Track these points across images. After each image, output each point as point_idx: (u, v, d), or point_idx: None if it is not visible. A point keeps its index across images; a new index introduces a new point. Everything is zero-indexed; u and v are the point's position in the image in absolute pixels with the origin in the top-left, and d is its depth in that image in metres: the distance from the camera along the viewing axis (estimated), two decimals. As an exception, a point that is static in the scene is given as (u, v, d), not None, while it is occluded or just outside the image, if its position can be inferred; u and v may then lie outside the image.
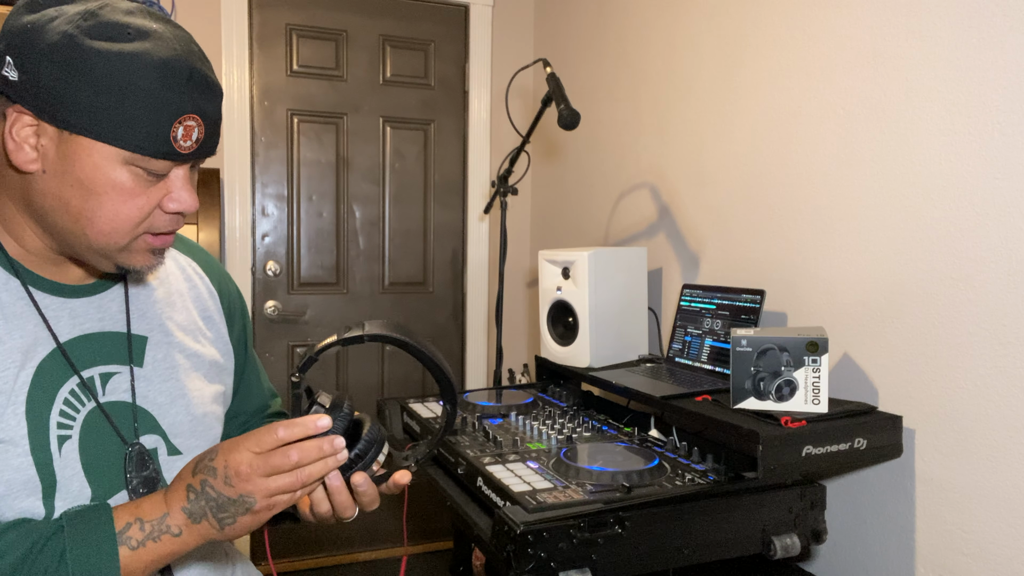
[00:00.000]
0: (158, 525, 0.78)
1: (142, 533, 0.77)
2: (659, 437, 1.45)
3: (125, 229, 0.81)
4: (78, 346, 0.87)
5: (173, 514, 0.78)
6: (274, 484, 0.77)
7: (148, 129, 0.76)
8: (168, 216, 0.84)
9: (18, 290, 0.84)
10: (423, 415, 1.59)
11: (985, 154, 1.16)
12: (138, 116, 0.76)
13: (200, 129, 0.80)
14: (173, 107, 0.77)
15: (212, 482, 0.77)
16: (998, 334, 1.14)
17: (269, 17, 2.70)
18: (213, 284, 1.07)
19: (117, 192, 0.78)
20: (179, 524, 0.78)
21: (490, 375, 3.02)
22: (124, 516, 0.78)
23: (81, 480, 0.83)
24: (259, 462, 0.76)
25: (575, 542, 1.02)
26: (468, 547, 1.97)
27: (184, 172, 0.83)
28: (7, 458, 0.78)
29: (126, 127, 0.76)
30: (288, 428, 0.78)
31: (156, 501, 0.80)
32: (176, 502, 0.78)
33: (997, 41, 1.14)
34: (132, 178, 0.79)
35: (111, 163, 0.77)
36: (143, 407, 0.91)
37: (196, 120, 0.80)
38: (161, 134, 0.77)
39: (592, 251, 1.74)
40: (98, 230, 0.80)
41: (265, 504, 0.78)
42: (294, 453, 0.77)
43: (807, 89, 1.52)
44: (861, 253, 1.39)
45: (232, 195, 2.67)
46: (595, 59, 2.47)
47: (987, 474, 1.16)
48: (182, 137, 0.79)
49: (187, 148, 0.80)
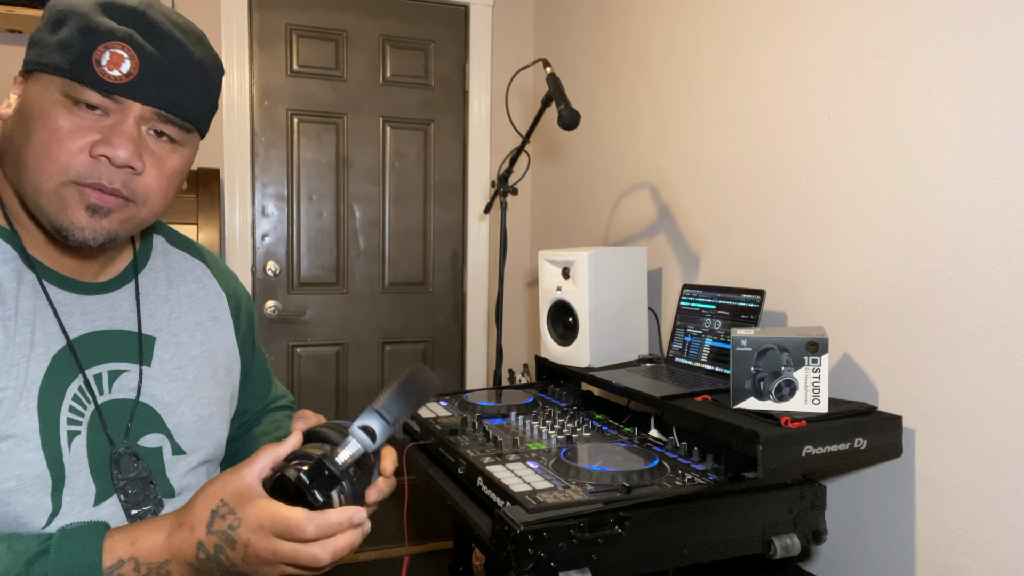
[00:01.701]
0: (157, 569, 0.75)
1: (137, 574, 0.74)
2: (659, 437, 1.45)
3: (49, 169, 0.77)
4: (88, 343, 0.88)
5: (176, 564, 0.75)
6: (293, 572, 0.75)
7: (72, 52, 0.76)
8: (96, 163, 0.78)
9: (33, 284, 0.84)
10: (423, 415, 1.59)
11: (985, 154, 1.16)
12: (70, 40, 0.77)
13: (133, 63, 0.77)
14: (101, 30, 0.77)
15: (229, 553, 0.74)
16: (998, 334, 1.14)
17: (269, 17, 2.70)
18: (220, 285, 1.07)
19: (44, 123, 0.77)
20: (182, 573, 0.75)
21: (490, 375, 3.02)
22: (118, 550, 0.75)
23: (87, 476, 0.84)
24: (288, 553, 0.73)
25: (575, 542, 1.02)
26: (468, 547, 1.97)
27: (128, 122, 0.79)
28: (19, 453, 0.78)
29: (54, 53, 0.77)
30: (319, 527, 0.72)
31: (156, 543, 0.76)
32: (182, 554, 0.75)
33: (997, 41, 1.14)
34: (68, 114, 0.77)
35: (49, 93, 0.77)
36: (150, 405, 0.91)
37: (126, 50, 0.77)
38: (86, 58, 0.76)
39: (592, 251, 1.74)
40: (27, 167, 0.78)
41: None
42: (326, 557, 0.73)
43: (807, 89, 1.52)
44: (861, 253, 1.39)
45: (232, 195, 2.67)
46: (595, 59, 2.47)
47: (987, 474, 1.16)
48: (107, 64, 0.76)
49: (116, 78, 0.76)
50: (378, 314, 2.91)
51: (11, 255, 0.83)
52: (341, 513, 0.73)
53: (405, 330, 2.96)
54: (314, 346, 2.84)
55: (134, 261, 0.97)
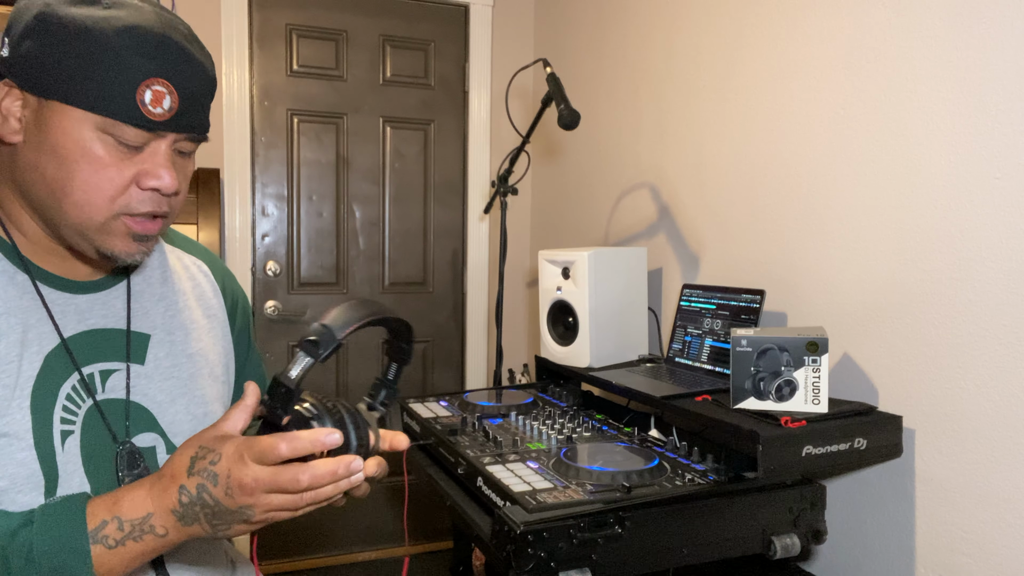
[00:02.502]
0: (140, 525, 0.74)
1: (121, 532, 0.73)
2: (659, 437, 1.45)
3: (99, 203, 0.79)
4: (81, 342, 0.88)
5: (159, 514, 0.74)
6: (277, 501, 0.73)
7: (115, 91, 0.76)
8: (145, 195, 0.81)
9: (25, 284, 0.84)
10: (423, 415, 1.59)
11: (985, 154, 1.16)
12: (106, 78, 0.76)
13: (172, 98, 0.79)
14: (141, 70, 0.77)
15: (211, 489, 0.73)
16: (998, 334, 1.14)
17: (269, 17, 2.70)
18: (217, 282, 1.07)
19: (88, 160, 0.77)
20: (165, 525, 0.74)
21: (490, 375, 3.01)
22: (100, 512, 0.74)
23: (81, 476, 0.84)
24: (266, 478, 0.71)
25: (575, 542, 1.02)
26: (468, 547, 1.97)
27: (164, 149, 0.81)
28: (11, 452, 0.78)
29: (94, 90, 0.76)
30: (291, 443, 0.71)
31: (138, 498, 0.75)
32: (164, 502, 0.74)
33: (997, 41, 1.14)
34: (104, 147, 0.78)
35: (83, 128, 0.77)
36: (143, 405, 0.91)
37: (166, 86, 0.78)
38: (128, 97, 0.76)
39: (592, 251, 1.74)
40: (72, 201, 0.79)
41: (263, 518, 0.74)
42: (305, 477, 0.71)
43: (807, 89, 1.52)
44: (861, 253, 1.39)
45: (232, 195, 2.67)
46: (595, 59, 2.47)
47: (987, 474, 1.16)
48: (150, 102, 0.77)
49: (158, 116, 0.78)
50: (378, 314, 2.91)
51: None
52: (313, 433, 0.72)
53: (405, 330, 2.96)
54: (314, 346, 2.84)
55: None
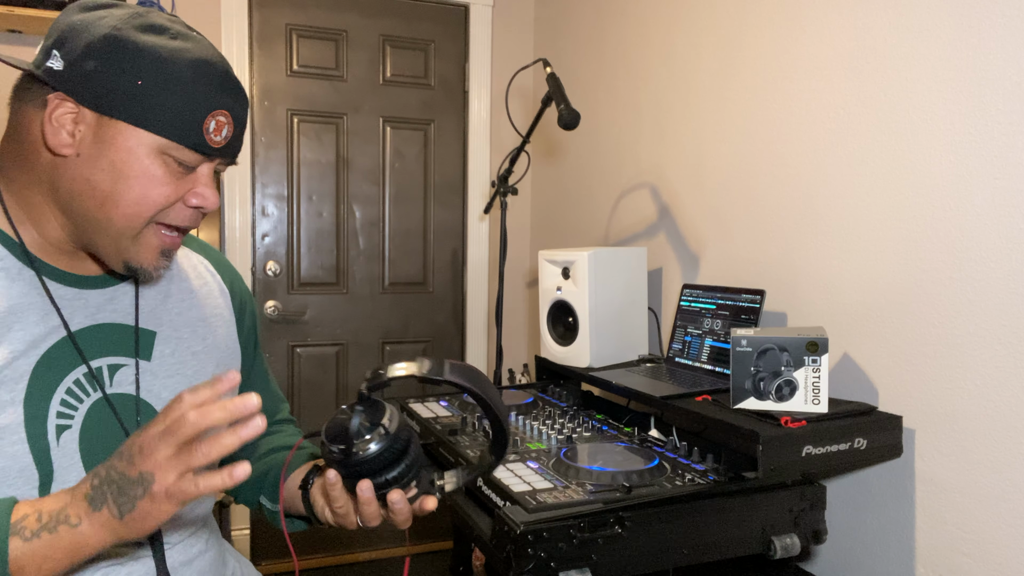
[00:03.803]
0: (56, 515, 0.71)
1: (38, 524, 0.71)
2: (659, 437, 1.45)
3: (147, 214, 0.84)
4: (89, 335, 0.88)
5: (74, 503, 0.71)
6: (174, 459, 0.68)
7: (184, 118, 0.81)
8: (187, 211, 0.87)
9: (32, 280, 0.85)
10: (423, 415, 1.59)
11: (985, 154, 1.16)
12: (175, 106, 0.81)
13: (230, 128, 0.86)
14: (209, 101, 0.83)
15: (116, 464, 0.71)
16: (998, 334, 1.14)
17: (269, 17, 2.70)
18: (224, 282, 1.08)
19: (148, 178, 0.82)
20: (79, 513, 0.71)
21: (490, 375, 3.01)
22: (25, 508, 0.73)
23: (79, 470, 0.84)
24: (162, 432, 0.68)
25: (575, 542, 1.02)
26: (468, 547, 1.97)
27: (210, 170, 0.88)
28: (2, 446, 0.78)
29: (164, 115, 0.80)
30: (193, 392, 0.69)
31: (63, 493, 0.74)
32: (81, 491, 0.72)
33: (997, 41, 1.14)
34: (163, 167, 0.83)
35: (145, 149, 0.81)
36: (147, 401, 0.92)
37: (227, 117, 0.85)
38: (195, 125, 0.82)
39: (592, 251, 1.74)
40: (122, 212, 0.82)
41: (164, 487, 0.68)
42: (192, 414, 0.67)
43: (807, 89, 1.52)
44: (861, 253, 1.39)
45: (232, 195, 2.67)
46: (595, 59, 2.47)
47: (987, 474, 1.16)
48: (214, 131, 0.84)
49: (217, 143, 0.85)
50: (378, 314, 2.91)
51: (2, 253, 0.84)
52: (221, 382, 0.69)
53: (405, 330, 2.96)
54: (314, 346, 2.84)
55: None
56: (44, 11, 2.21)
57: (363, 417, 0.78)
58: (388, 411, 0.80)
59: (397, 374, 0.76)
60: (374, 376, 0.77)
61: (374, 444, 0.78)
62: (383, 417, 0.79)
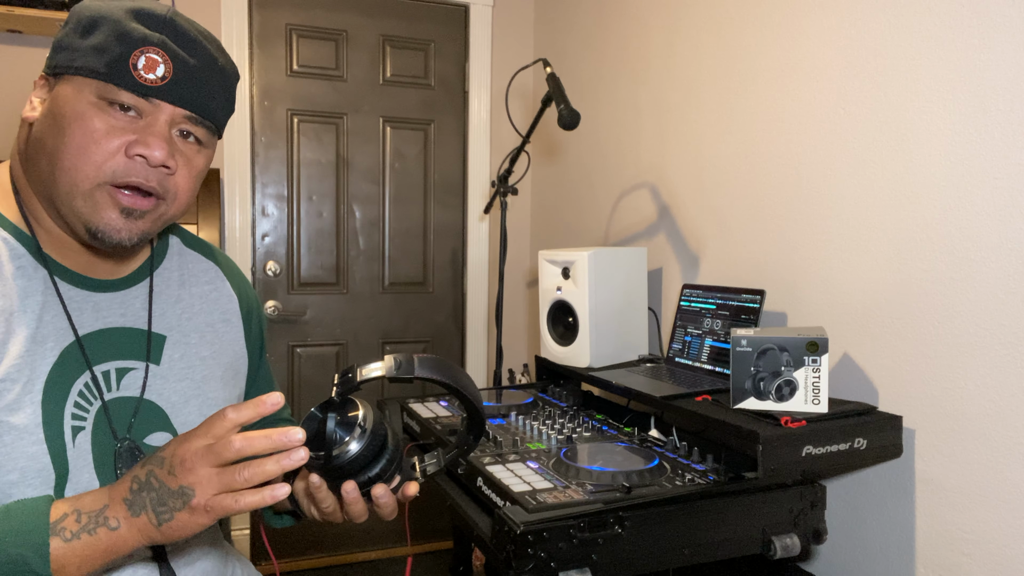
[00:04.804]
0: (96, 517, 0.73)
1: (78, 525, 0.72)
2: (659, 437, 1.45)
3: (86, 169, 0.80)
4: (97, 340, 0.88)
5: (113, 506, 0.73)
6: (217, 478, 0.70)
7: (111, 55, 0.80)
8: (132, 163, 0.81)
9: (45, 280, 0.85)
10: (423, 415, 1.59)
11: (985, 154, 1.16)
12: (100, 44, 0.80)
13: (166, 67, 0.81)
14: (136, 36, 0.81)
15: (157, 472, 0.72)
16: (998, 334, 1.14)
17: (269, 17, 2.70)
18: (233, 288, 1.08)
19: (80, 124, 0.79)
20: (118, 516, 0.73)
21: (490, 375, 3.01)
22: (63, 507, 0.74)
23: (91, 473, 0.84)
24: (202, 448, 0.71)
25: (575, 542, 1.02)
26: (468, 547, 1.97)
27: (160, 122, 0.82)
28: (22, 445, 0.78)
29: (90, 56, 0.80)
30: (237, 411, 0.72)
31: (99, 493, 0.75)
32: (119, 494, 0.74)
33: (997, 41, 1.14)
34: (99, 113, 0.80)
35: (82, 95, 0.80)
36: (158, 404, 0.92)
37: (160, 55, 0.81)
38: (123, 62, 0.80)
39: (592, 251, 1.74)
40: (62, 167, 0.80)
41: (204, 502, 0.70)
42: (237, 440, 0.70)
43: (807, 89, 1.52)
44: (861, 253, 1.39)
45: (232, 195, 2.67)
46: (595, 59, 2.47)
47: (987, 474, 1.16)
48: (143, 67, 0.80)
49: (151, 81, 0.80)
50: (378, 314, 2.91)
51: (20, 251, 0.85)
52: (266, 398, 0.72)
53: (405, 330, 2.96)
54: (314, 346, 2.84)
55: (150, 259, 0.97)
56: (44, 11, 2.21)
57: (338, 419, 0.78)
58: (362, 409, 0.80)
59: (369, 376, 0.76)
60: (344, 380, 0.77)
61: (354, 445, 0.77)
62: (358, 417, 0.78)
